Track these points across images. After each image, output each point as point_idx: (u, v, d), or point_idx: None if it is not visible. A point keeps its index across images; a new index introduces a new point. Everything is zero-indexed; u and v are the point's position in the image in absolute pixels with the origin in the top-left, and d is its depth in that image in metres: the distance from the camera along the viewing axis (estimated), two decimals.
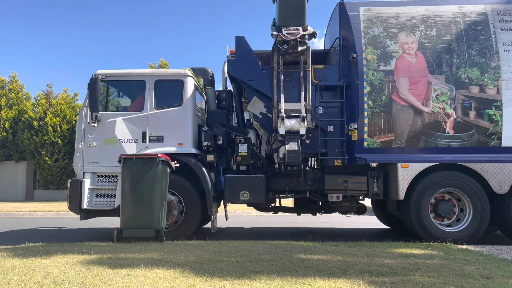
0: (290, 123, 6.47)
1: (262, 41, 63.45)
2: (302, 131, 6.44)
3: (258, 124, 7.25)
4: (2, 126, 22.55)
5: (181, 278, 3.59)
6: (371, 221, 9.75)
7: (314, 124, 6.64)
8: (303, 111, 6.50)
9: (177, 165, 6.38)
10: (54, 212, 13.68)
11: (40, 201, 20.57)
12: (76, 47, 53.16)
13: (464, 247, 5.73)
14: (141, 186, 5.87)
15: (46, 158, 21.26)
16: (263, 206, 7.44)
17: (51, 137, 21.36)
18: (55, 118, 21.75)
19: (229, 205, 8.77)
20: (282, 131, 6.46)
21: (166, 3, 58.77)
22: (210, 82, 7.40)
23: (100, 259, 4.43)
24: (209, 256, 4.57)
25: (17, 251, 5.01)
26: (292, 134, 6.47)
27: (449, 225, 6.44)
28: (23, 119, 22.37)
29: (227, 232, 8.16)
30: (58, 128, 21.62)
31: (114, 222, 6.92)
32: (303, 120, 6.45)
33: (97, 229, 8.70)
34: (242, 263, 4.20)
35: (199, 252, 4.84)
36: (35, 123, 21.81)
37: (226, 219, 8.40)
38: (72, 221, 10.51)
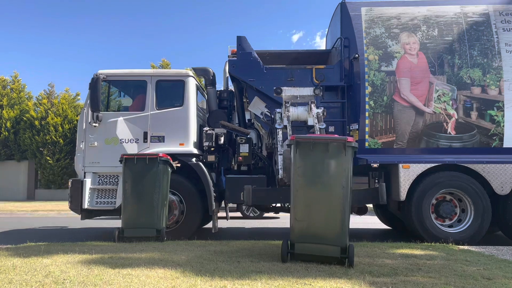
0: (297, 112, 5.88)
1: (263, 41, 63.40)
2: (311, 121, 5.69)
3: (260, 124, 7.24)
4: (3, 125, 22.59)
5: (182, 278, 3.59)
6: (372, 222, 9.74)
7: None
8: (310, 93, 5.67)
9: (178, 165, 6.38)
10: (55, 211, 13.72)
11: (42, 200, 20.59)
12: (77, 47, 53.30)
13: (466, 247, 5.72)
14: (142, 186, 5.87)
15: (48, 158, 21.30)
16: (264, 206, 7.43)
17: (53, 137, 21.41)
18: (56, 118, 21.80)
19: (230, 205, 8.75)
20: (285, 121, 5.83)
21: (168, 3, 58.85)
22: (211, 82, 7.41)
23: (101, 258, 4.43)
24: (210, 256, 4.57)
25: (19, 250, 5.02)
26: (298, 126, 6.09)
27: (450, 226, 6.43)
28: (24, 118, 22.42)
29: (228, 232, 8.16)
30: (60, 128, 21.67)
31: (115, 222, 6.93)
32: (311, 109, 5.68)
33: (98, 228, 8.70)
34: (243, 263, 4.20)
35: (200, 252, 4.84)
36: (36, 122, 21.85)
37: (227, 219, 8.39)
38: (73, 220, 10.52)
